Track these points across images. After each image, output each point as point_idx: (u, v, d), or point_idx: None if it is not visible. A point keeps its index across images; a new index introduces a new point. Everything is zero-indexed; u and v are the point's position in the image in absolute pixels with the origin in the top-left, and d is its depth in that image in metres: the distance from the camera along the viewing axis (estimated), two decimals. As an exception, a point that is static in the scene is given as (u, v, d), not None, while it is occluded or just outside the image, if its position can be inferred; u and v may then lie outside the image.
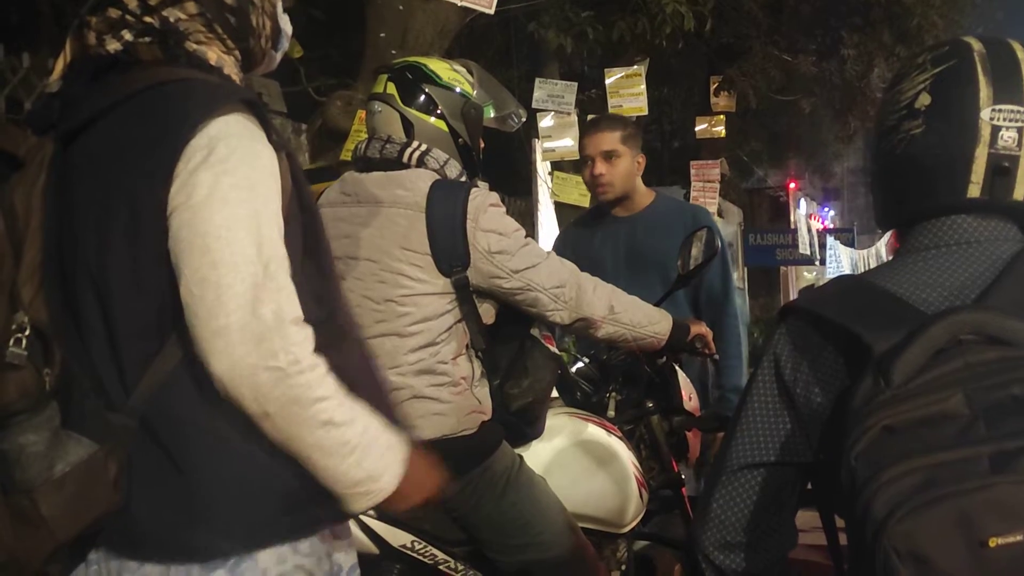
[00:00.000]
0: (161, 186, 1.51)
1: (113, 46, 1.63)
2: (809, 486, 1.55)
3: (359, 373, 1.69)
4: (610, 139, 3.99)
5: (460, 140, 2.78)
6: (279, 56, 1.86)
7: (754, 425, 1.51)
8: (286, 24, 1.85)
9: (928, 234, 1.49)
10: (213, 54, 1.67)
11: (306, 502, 1.61)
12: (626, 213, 4.15)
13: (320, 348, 1.56)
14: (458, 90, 2.79)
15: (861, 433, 1.22)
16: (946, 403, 1.21)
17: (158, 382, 1.55)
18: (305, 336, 1.54)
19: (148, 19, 1.63)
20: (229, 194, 1.51)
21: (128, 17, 1.64)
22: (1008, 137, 1.45)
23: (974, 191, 1.47)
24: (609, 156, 3.99)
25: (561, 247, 4.38)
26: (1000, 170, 1.45)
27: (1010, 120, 1.45)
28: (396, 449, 1.66)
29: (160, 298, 1.54)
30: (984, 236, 1.46)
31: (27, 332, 1.48)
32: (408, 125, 2.75)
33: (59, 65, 1.67)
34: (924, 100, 1.49)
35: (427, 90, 2.76)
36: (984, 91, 1.45)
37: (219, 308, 1.47)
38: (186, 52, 1.64)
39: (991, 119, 1.45)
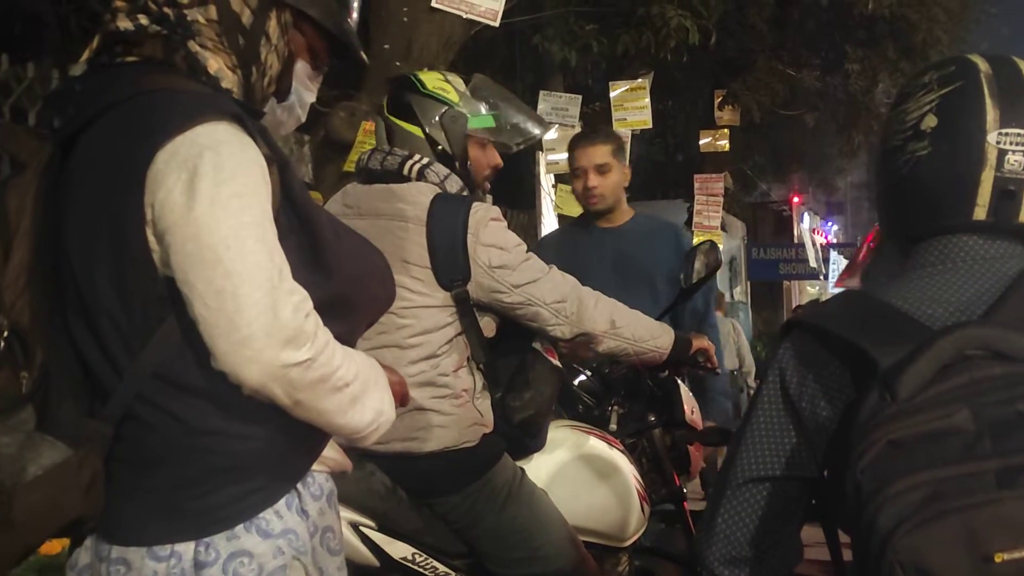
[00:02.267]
0: (136, 192, 1.51)
1: (124, 24, 1.63)
2: (813, 501, 1.54)
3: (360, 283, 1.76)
4: (602, 152, 4.03)
5: (439, 147, 2.77)
6: (285, 116, 1.85)
7: (759, 439, 1.51)
8: (306, 91, 1.85)
9: (934, 251, 1.49)
10: (215, 62, 1.67)
11: (283, 465, 1.64)
12: (610, 225, 4.18)
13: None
14: (438, 99, 2.78)
15: (867, 447, 1.22)
16: (952, 418, 1.20)
17: (138, 386, 1.54)
18: (317, 320, 1.56)
19: (167, 10, 1.64)
20: (230, 203, 1.50)
21: (151, 4, 1.65)
22: (1014, 161, 1.44)
23: (980, 213, 1.46)
24: (601, 169, 4.03)
25: (543, 254, 4.41)
26: (1006, 194, 1.44)
27: (1016, 144, 1.44)
28: (380, 375, 1.73)
29: (143, 305, 1.54)
30: (990, 254, 1.46)
31: (5, 334, 1.48)
32: (391, 132, 2.78)
33: (87, 50, 1.68)
34: (930, 122, 1.48)
35: (409, 98, 2.78)
36: (991, 114, 1.45)
37: (240, 318, 1.47)
38: (187, 51, 1.64)
39: (997, 142, 1.44)
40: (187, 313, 1.50)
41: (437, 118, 2.76)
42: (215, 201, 1.49)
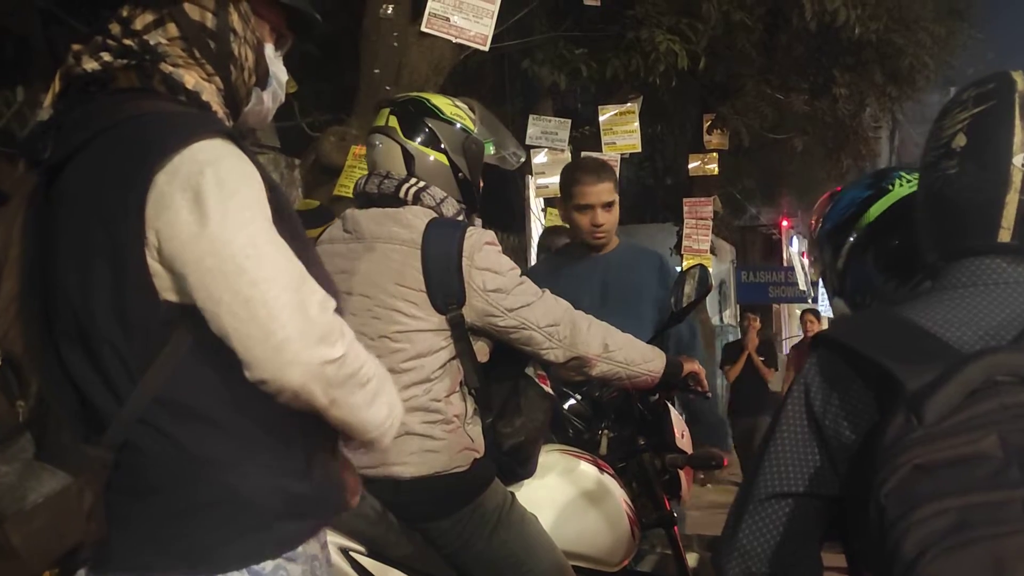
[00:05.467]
0: (136, 215, 1.51)
1: (90, 65, 1.64)
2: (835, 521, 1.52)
3: None
4: (609, 189, 4.04)
5: (460, 175, 2.79)
6: (270, 102, 1.87)
7: (783, 454, 1.49)
8: (279, 70, 1.86)
9: (963, 273, 1.47)
10: (191, 78, 1.68)
11: (286, 517, 1.60)
12: (599, 253, 4.18)
13: None
14: (459, 125, 2.80)
15: (892, 471, 1.20)
16: (979, 444, 1.18)
17: (139, 411, 1.53)
18: (342, 321, 1.59)
19: (128, 42, 1.65)
20: (242, 214, 1.52)
21: (110, 41, 1.66)
22: None
23: (1004, 236, 1.44)
24: (608, 206, 4.03)
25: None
26: None
27: None
28: (385, 371, 1.72)
29: (142, 331, 1.53)
30: (1017, 278, 1.44)
31: None
32: (409, 158, 2.76)
33: (50, 94, 1.68)
34: (960, 141, 1.47)
35: (429, 124, 2.77)
36: (1018, 136, 1.43)
37: (273, 322, 1.48)
38: (161, 74, 1.65)
39: (1023, 165, 1.43)
40: (189, 337, 1.52)
41: (460, 145, 2.78)
42: (226, 215, 1.51)
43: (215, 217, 1.50)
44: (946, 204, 1.49)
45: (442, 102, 2.83)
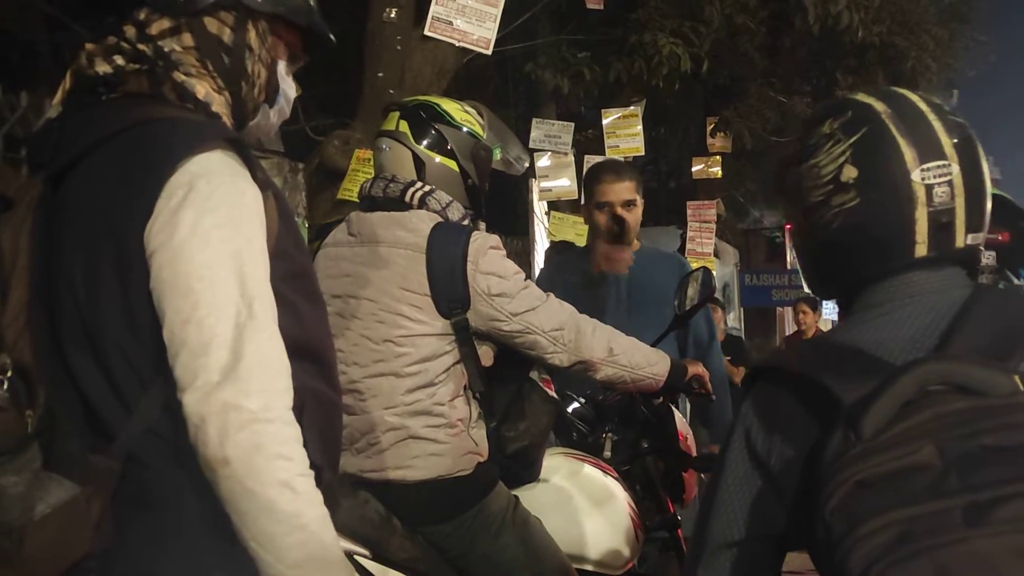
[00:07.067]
0: (143, 224, 1.51)
1: (102, 68, 1.64)
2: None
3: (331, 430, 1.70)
4: (630, 188, 3.99)
5: (469, 180, 2.79)
6: (275, 118, 1.86)
7: (729, 502, 1.51)
8: (289, 87, 1.86)
9: (881, 292, 1.51)
10: (202, 88, 1.68)
11: None
12: None
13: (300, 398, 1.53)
14: (468, 131, 2.80)
15: (834, 488, 1.23)
16: (917, 455, 1.21)
17: (148, 419, 1.53)
18: (286, 388, 1.51)
19: (142, 47, 1.65)
20: (211, 233, 1.51)
21: (123, 44, 1.66)
22: (941, 192, 1.47)
23: (920, 250, 1.49)
24: (628, 204, 4.00)
25: (547, 283, 4.39)
26: (941, 226, 1.48)
27: (939, 176, 1.47)
28: (345, 566, 1.56)
29: (152, 337, 1.53)
30: (935, 286, 1.49)
31: (9, 374, 1.46)
32: (419, 163, 2.75)
33: (59, 92, 1.68)
34: (850, 173, 1.50)
35: (439, 129, 2.77)
36: (908, 153, 1.48)
37: (201, 348, 1.46)
38: (173, 82, 1.65)
39: (923, 179, 1.47)
40: None
41: (470, 151, 2.78)
42: (195, 230, 1.50)
43: (184, 231, 1.49)
44: (854, 236, 1.52)
45: (452, 107, 2.83)
